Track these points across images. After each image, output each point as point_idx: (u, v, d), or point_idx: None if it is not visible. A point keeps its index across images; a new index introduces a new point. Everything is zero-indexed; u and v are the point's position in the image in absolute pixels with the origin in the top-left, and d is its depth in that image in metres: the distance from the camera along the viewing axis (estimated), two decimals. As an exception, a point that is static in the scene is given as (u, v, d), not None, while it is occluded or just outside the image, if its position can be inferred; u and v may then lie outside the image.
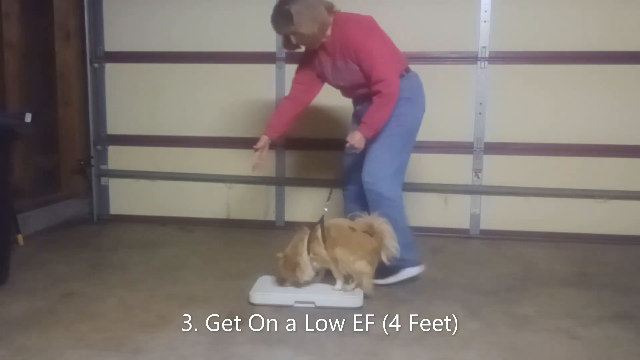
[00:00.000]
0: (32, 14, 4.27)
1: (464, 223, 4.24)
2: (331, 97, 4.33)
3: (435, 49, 4.14)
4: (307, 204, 4.38)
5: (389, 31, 4.16)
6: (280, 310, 2.75)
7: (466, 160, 4.19)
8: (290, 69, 4.26)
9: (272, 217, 4.46)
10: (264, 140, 3.18)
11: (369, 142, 3.01)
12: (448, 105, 4.17)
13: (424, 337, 2.49)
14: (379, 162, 3.04)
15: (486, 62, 4.08)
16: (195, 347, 2.37)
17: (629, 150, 4.02)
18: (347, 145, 2.95)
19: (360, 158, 3.12)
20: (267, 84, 4.26)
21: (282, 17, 2.94)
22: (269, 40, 4.25)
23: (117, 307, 2.79)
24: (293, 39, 3.00)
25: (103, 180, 4.67)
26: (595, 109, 4.03)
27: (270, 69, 4.29)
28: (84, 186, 4.69)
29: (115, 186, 4.68)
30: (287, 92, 4.26)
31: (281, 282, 2.94)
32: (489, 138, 4.14)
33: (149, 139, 4.54)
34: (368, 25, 3.05)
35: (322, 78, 3.20)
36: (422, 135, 4.19)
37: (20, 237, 3.80)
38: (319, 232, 2.86)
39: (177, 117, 4.50)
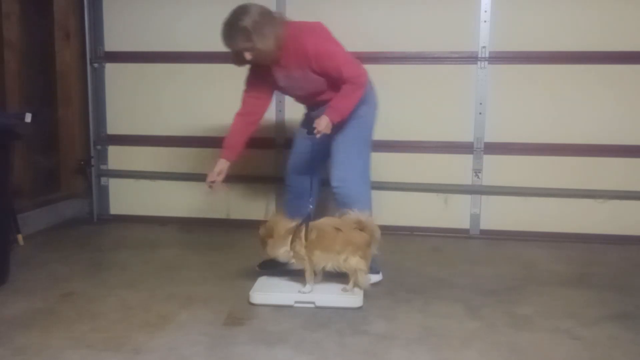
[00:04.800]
0: (32, 14, 4.27)
1: (464, 223, 4.24)
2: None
3: (435, 49, 4.14)
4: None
5: (389, 31, 4.19)
6: (280, 310, 2.75)
7: (466, 160, 4.19)
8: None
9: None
10: (223, 165, 3.10)
11: (333, 144, 3.01)
12: (448, 105, 4.17)
13: (424, 337, 2.49)
14: (345, 166, 3.04)
15: (486, 62, 4.08)
16: (195, 347, 2.37)
17: (629, 150, 4.02)
18: (315, 131, 2.88)
19: (306, 159, 3.15)
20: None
21: (237, 34, 2.84)
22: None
23: (117, 307, 2.79)
24: (247, 56, 2.90)
25: (103, 180, 4.68)
26: (595, 109, 4.03)
27: (270, 69, 4.29)
28: (84, 186, 4.69)
29: (115, 186, 4.68)
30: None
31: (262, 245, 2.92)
32: (489, 138, 4.14)
33: (149, 139, 4.54)
34: (321, 31, 3.04)
35: (274, 89, 3.15)
36: (422, 135, 4.24)
37: (20, 237, 3.80)
38: (302, 232, 2.84)
39: (177, 117, 4.50)
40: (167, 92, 4.50)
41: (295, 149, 3.31)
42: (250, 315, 2.71)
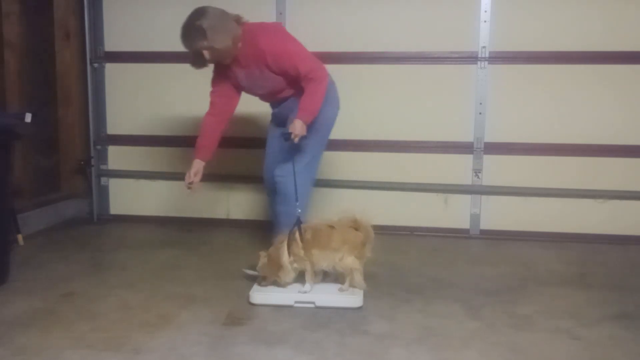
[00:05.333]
0: (32, 14, 4.27)
1: (464, 223, 4.24)
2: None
3: (435, 49, 4.14)
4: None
5: (390, 31, 4.19)
6: (280, 310, 2.75)
7: (466, 160, 4.19)
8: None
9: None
10: (199, 165, 3.16)
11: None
12: (448, 105, 4.17)
13: (424, 337, 2.49)
14: (292, 159, 3.07)
15: (486, 62, 4.08)
16: (195, 347, 2.37)
17: (629, 150, 4.02)
18: (292, 135, 2.91)
19: (282, 158, 3.18)
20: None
21: (194, 34, 2.93)
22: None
23: (117, 307, 2.79)
24: (206, 55, 2.98)
25: (103, 180, 4.68)
26: (595, 109, 4.03)
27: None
28: (84, 186, 4.69)
29: (115, 186, 4.68)
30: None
31: (260, 281, 2.92)
32: (489, 138, 4.14)
33: (149, 139, 4.54)
34: (278, 31, 3.11)
35: (238, 88, 3.21)
36: (422, 135, 4.24)
37: (20, 237, 3.80)
38: (297, 234, 2.85)
39: (177, 117, 4.50)
40: (167, 92, 4.50)
41: (269, 149, 3.36)
42: (250, 315, 2.71)
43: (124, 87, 4.57)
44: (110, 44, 4.52)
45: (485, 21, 4.05)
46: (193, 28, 2.94)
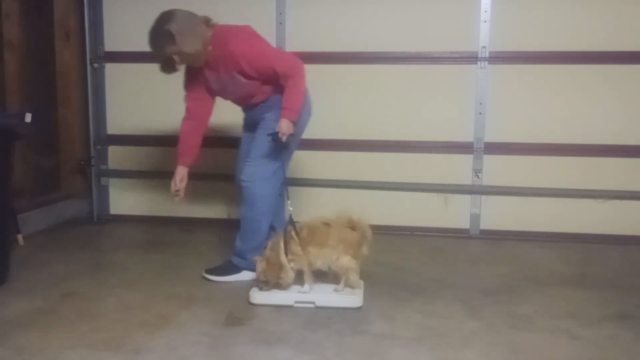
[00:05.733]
0: (32, 14, 4.27)
1: (464, 223, 4.24)
2: (328, 98, 4.34)
3: (435, 49, 4.14)
4: (307, 204, 4.38)
5: (390, 31, 4.19)
6: (280, 310, 2.75)
7: (466, 160, 4.19)
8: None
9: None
10: (183, 171, 3.14)
11: (253, 139, 3.03)
12: (448, 105, 4.18)
13: (424, 337, 2.49)
14: (258, 164, 3.05)
15: (486, 62, 4.08)
16: (195, 347, 2.37)
17: (629, 150, 4.02)
18: (280, 134, 2.87)
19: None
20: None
21: (163, 38, 2.85)
22: (269, 40, 4.23)
23: (117, 307, 2.79)
24: (176, 60, 2.91)
25: (103, 180, 4.67)
26: (595, 109, 4.03)
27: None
28: (84, 186, 4.69)
29: (115, 186, 4.68)
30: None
31: (261, 285, 2.87)
32: (489, 138, 4.14)
33: (149, 139, 4.54)
34: (249, 33, 3.03)
35: (211, 92, 3.16)
36: (423, 135, 4.24)
37: (20, 237, 3.80)
38: (292, 232, 2.83)
39: (176, 117, 4.47)
40: (166, 92, 4.47)
41: (241, 153, 3.31)
42: (250, 315, 2.71)
43: (124, 87, 4.56)
44: (110, 44, 4.52)
45: (485, 21, 4.05)
46: (161, 33, 2.86)
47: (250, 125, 3.21)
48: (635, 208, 4.06)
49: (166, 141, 4.52)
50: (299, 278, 2.89)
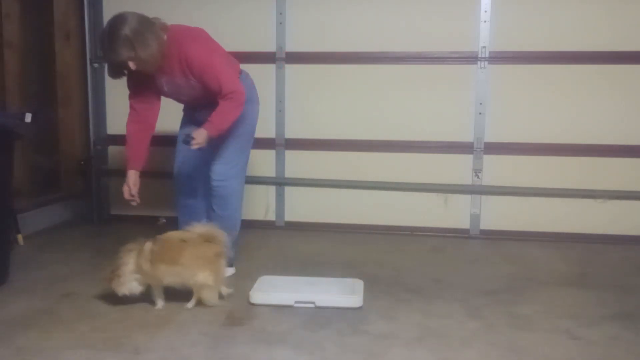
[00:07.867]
0: (32, 14, 4.28)
1: (464, 223, 4.24)
2: (328, 98, 4.34)
3: (435, 49, 4.14)
4: (307, 204, 4.38)
5: (390, 31, 4.19)
6: (280, 310, 2.75)
7: (466, 160, 4.18)
8: (290, 69, 4.28)
9: (272, 217, 4.46)
10: (134, 176, 3.11)
11: (215, 142, 3.00)
12: (448, 105, 4.17)
13: (424, 337, 2.49)
14: (228, 162, 3.09)
15: (486, 62, 4.07)
16: (195, 347, 2.37)
17: (629, 150, 4.02)
18: (193, 142, 2.84)
19: (192, 159, 3.21)
20: (267, 84, 4.25)
21: (119, 43, 2.75)
22: (269, 40, 4.26)
23: (117, 307, 2.79)
24: (131, 66, 2.82)
25: (103, 180, 4.67)
26: (595, 109, 4.03)
27: (270, 69, 4.28)
28: (84, 186, 4.69)
29: (115, 186, 4.67)
30: (287, 92, 4.30)
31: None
32: (489, 138, 4.14)
33: (149, 138, 4.53)
34: (204, 39, 3.01)
35: (158, 94, 3.13)
36: (422, 135, 4.24)
37: (20, 237, 3.80)
38: (147, 246, 2.74)
39: (176, 116, 4.47)
40: (167, 92, 4.49)
41: (180, 150, 3.30)
42: (250, 315, 2.71)
43: (123, 87, 4.52)
44: (110, 44, 4.51)
45: (485, 21, 4.04)
46: (116, 38, 2.75)
47: (195, 122, 3.13)
48: (635, 208, 4.06)
49: (165, 141, 4.52)
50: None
